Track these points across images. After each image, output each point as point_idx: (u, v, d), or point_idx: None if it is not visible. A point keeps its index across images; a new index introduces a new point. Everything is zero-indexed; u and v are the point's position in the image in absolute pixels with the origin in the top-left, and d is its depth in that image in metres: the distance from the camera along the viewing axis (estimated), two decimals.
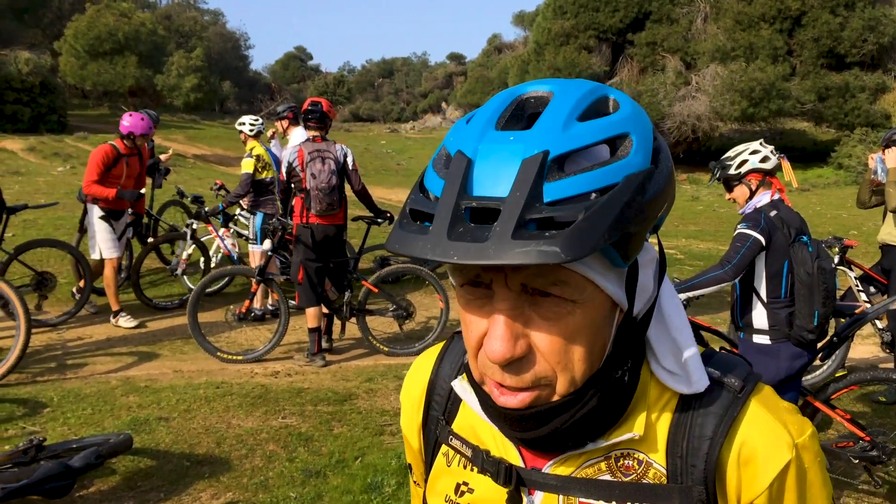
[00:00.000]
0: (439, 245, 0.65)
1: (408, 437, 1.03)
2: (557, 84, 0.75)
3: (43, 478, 3.19)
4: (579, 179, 0.67)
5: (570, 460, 0.83)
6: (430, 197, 0.73)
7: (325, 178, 5.77)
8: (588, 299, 0.73)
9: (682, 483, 0.79)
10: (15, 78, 25.68)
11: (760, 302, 3.36)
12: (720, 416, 0.80)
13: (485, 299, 0.74)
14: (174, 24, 48.44)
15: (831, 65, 26.00)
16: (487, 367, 0.76)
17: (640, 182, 0.68)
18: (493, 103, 0.75)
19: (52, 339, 6.50)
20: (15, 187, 12.31)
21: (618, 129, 0.71)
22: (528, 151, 0.67)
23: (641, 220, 0.69)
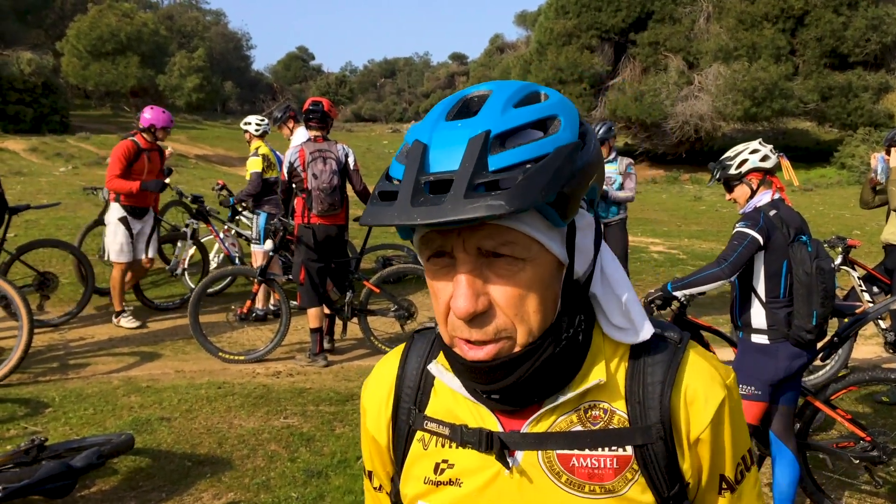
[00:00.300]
0: (404, 211, 0.78)
1: (375, 437, 1.08)
2: (496, 84, 0.89)
3: (44, 478, 3.18)
4: (518, 151, 0.80)
5: (543, 418, 0.93)
6: (395, 181, 0.84)
7: (326, 179, 5.77)
8: (535, 257, 0.85)
9: (642, 424, 0.92)
10: (17, 78, 25.71)
11: (759, 301, 3.34)
12: (667, 364, 0.94)
13: (449, 268, 0.86)
14: (176, 25, 48.49)
15: (834, 64, 25.96)
16: (456, 327, 0.87)
17: (570, 152, 0.82)
18: (443, 103, 0.88)
19: (54, 340, 6.50)
20: (17, 187, 12.32)
21: (548, 112, 0.85)
22: (473, 132, 0.80)
23: (573, 185, 0.82)
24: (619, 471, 0.92)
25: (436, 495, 0.98)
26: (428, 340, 1.07)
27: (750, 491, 1.01)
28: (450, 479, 0.97)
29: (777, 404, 3.37)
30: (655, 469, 0.92)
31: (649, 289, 7.87)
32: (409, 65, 78.39)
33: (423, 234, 0.86)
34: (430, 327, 1.09)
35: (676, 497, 0.94)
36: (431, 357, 1.03)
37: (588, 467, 0.92)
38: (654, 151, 27.92)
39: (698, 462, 0.95)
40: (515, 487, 0.93)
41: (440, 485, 0.98)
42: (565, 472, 0.92)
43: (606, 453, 0.92)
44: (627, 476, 0.92)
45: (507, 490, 0.94)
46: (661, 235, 13.19)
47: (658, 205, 19.15)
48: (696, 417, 0.93)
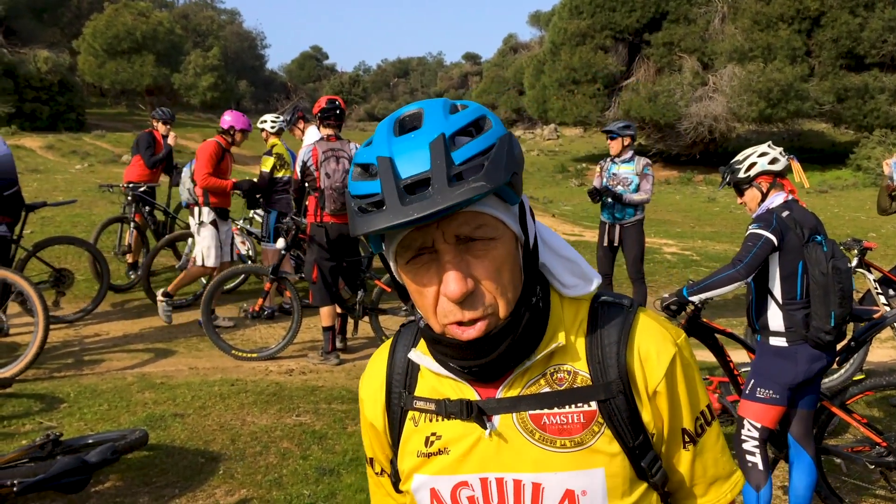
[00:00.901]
0: (397, 213, 0.88)
1: (373, 423, 1.18)
2: (419, 103, 1.02)
3: (59, 472, 3.21)
4: (471, 145, 0.94)
5: (514, 384, 1.05)
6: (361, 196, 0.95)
7: (339, 178, 5.78)
8: (502, 235, 0.97)
9: (603, 381, 1.03)
10: (34, 76, 25.93)
11: (776, 303, 3.30)
12: (620, 326, 1.06)
13: (431, 263, 0.96)
14: (191, 24, 48.66)
15: (850, 66, 25.71)
16: (448, 313, 0.97)
17: (509, 140, 0.97)
18: (383, 127, 1.00)
19: (69, 336, 6.56)
20: (34, 185, 12.43)
21: (478, 114, 0.99)
22: (430, 137, 0.93)
23: (518, 166, 0.97)
24: (586, 425, 1.02)
25: (428, 465, 1.09)
26: (412, 332, 1.18)
27: (713, 445, 1.12)
28: (439, 449, 1.08)
29: (796, 408, 3.34)
30: (619, 421, 1.03)
31: (662, 290, 7.84)
32: (423, 64, 78.33)
33: (403, 238, 0.96)
34: (413, 320, 1.18)
35: (641, 446, 1.05)
36: (416, 344, 1.15)
37: (558, 424, 1.03)
38: (668, 152, 27.77)
39: (658, 413, 1.05)
40: (495, 448, 1.04)
41: (431, 455, 1.08)
42: (538, 430, 1.03)
43: (573, 409, 1.03)
44: (594, 429, 1.02)
45: (488, 451, 1.05)
46: (675, 237, 13.13)
47: (671, 206, 19.07)
48: (651, 372, 1.04)
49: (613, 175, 6.64)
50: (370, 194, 0.93)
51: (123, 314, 7.36)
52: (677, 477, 1.10)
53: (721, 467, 1.13)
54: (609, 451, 1.02)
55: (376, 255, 4.89)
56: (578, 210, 16.93)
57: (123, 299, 7.82)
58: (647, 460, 1.05)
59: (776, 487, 3.89)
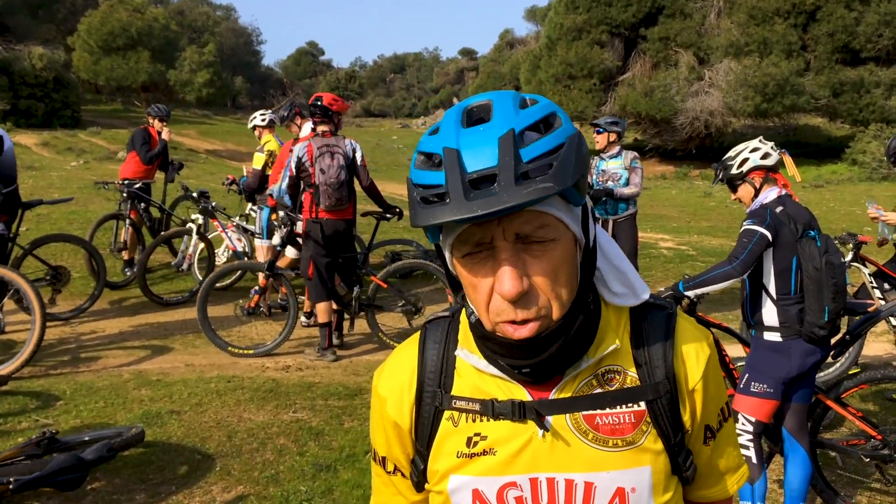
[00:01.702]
0: (462, 206, 0.87)
1: (396, 422, 1.14)
2: (489, 94, 1.00)
3: (55, 470, 3.21)
4: (541, 143, 0.92)
5: (567, 385, 1.04)
6: (425, 186, 0.93)
7: (333, 174, 5.78)
8: (562, 236, 0.96)
9: (651, 382, 1.05)
10: (29, 73, 25.87)
11: (770, 299, 3.32)
12: (664, 328, 1.09)
13: (487, 259, 0.95)
14: (187, 20, 48.56)
15: (846, 60, 25.75)
16: (501, 311, 0.96)
17: (578, 139, 0.95)
18: (451, 116, 0.98)
19: (66, 333, 6.55)
20: (29, 182, 12.40)
21: (549, 110, 0.97)
22: (499, 132, 0.91)
23: (586, 166, 0.96)
24: (636, 424, 1.04)
25: (470, 466, 1.07)
26: (442, 329, 1.16)
27: (727, 438, 1.16)
28: (484, 449, 1.06)
29: (791, 402, 3.35)
30: (664, 420, 1.06)
31: (659, 285, 7.85)
32: (419, 60, 78.26)
33: (461, 232, 0.95)
34: (442, 316, 1.18)
35: (679, 443, 1.08)
36: (450, 343, 1.13)
37: (610, 424, 1.04)
38: (664, 147, 27.81)
39: (694, 411, 1.09)
40: (548, 448, 1.04)
41: (474, 456, 1.07)
42: (591, 430, 1.04)
43: (624, 410, 1.04)
44: (643, 428, 1.05)
45: (540, 452, 1.04)
46: (671, 231, 13.15)
47: (667, 201, 19.09)
48: (691, 373, 1.08)
49: (602, 171, 6.66)
50: (433, 185, 0.92)
51: (119, 311, 7.35)
52: (697, 469, 1.14)
53: (731, 460, 1.17)
54: (655, 449, 1.05)
55: (372, 251, 4.87)
56: None
57: (119, 296, 7.81)
58: (682, 456, 1.09)
59: (771, 481, 3.90)
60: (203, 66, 39.17)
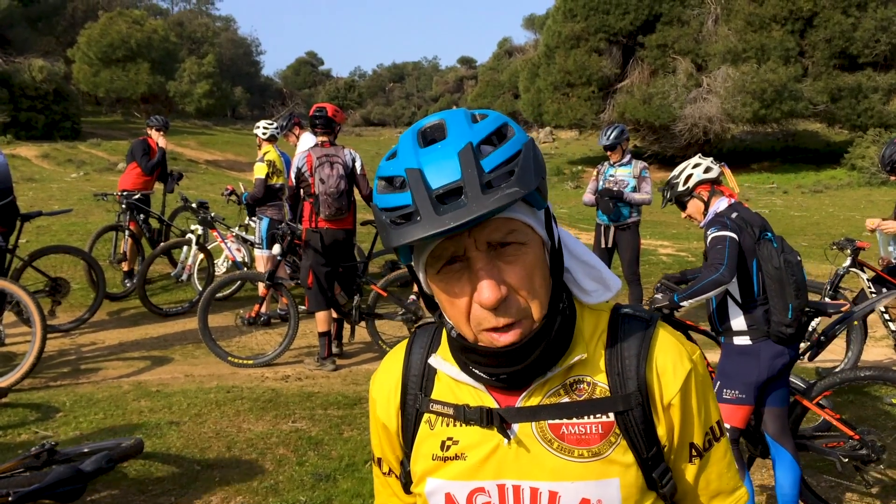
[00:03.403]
0: (433, 223, 0.90)
1: (385, 424, 1.19)
2: (439, 114, 1.02)
3: (54, 482, 3.20)
4: (498, 152, 0.94)
5: (534, 393, 1.05)
6: (392, 209, 0.95)
7: (333, 183, 5.79)
8: (531, 240, 0.99)
9: (622, 393, 1.05)
10: (29, 85, 25.92)
11: (735, 303, 3.37)
12: (640, 339, 1.07)
13: (462, 272, 0.97)
14: (186, 31, 48.69)
15: (844, 65, 25.79)
16: (482, 320, 0.98)
17: (532, 146, 0.99)
18: (406, 139, 1.00)
19: (66, 345, 6.55)
20: (29, 194, 12.42)
21: (499, 122, 0.99)
22: (457, 147, 0.94)
23: (544, 170, 0.99)
24: (604, 436, 1.04)
25: (444, 469, 1.09)
26: (429, 334, 1.19)
27: (719, 459, 1.13)
28: (455, 454, 1.08)
29: (768, 407, 3.38)
30: (635, 433, 1.05)
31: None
32: (418, 69, 78.45)
33: (434, 248, 0.97)
34: (430, 322, 1.21)
35: (654, 458, 1.07)
36: (433, 348, 1.16)
37: (576, 434, 1.04)
38: (663, 154, 27.83)
39: (671, 426, 1.07)
40: (514, 456, 1.05)
41: (447, 460, 1.09)
42: (556, 440, 1.04)
43: (592, 420, 1.04)
44: (611, 440, 1.04)
45: (506, 459, 1.05)
46: (671, 238, 13.16)
47: (667, 208, 19.08)
48: (666, 386, 1.06)
49: (611, 177, 6.69)
50: (400, 206, 0.94)
51: (119, 322, 7.36)
52: (681, 487, 1.12)
53: (725, 482, 1.14)
54: (624, 462, 1.04)
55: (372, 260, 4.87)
56: (574, 213, 16.96)
57: (119, 307, 7.81)
58: (658, 471, 1.07)
59: (756, 485, 3.91)
60: (202, 77, 39.25)
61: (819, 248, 10.37)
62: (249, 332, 6.89)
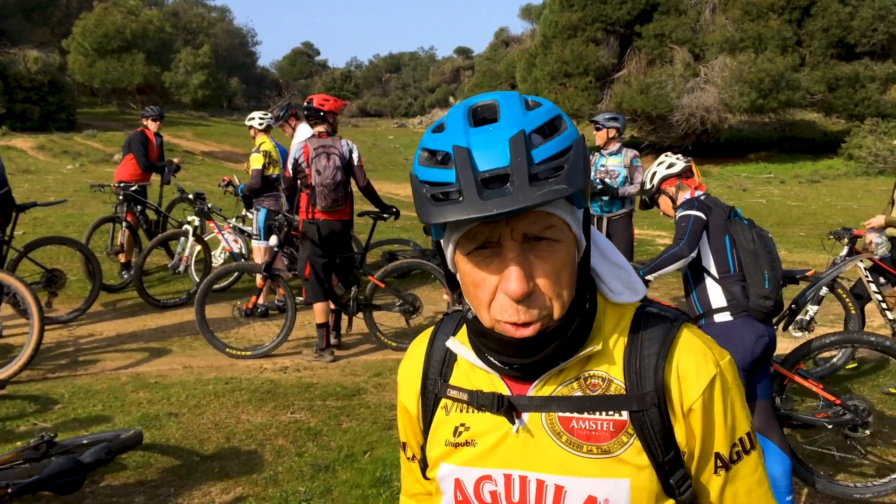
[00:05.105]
0: (475, 206, 0.88)
1: (407, 408, 1.20)
2: (497, 94, 1.00)
3: (53, 473, 3.21)
4: (550, 145, 0.93)
5: (547, 383, 1.04)
6: (434, 184, 0.94)
7: (329, 174, 5.78)
8: (566, 238, 0.98)
9: (638, 392, 1.01)
10: (24, 76, 25.79)
11: (713, 279, 3.43)
12: (662, 339, 1.04)
13: (493, 258, 0.96)
14: (181, 22, 48.47)
15: (841, 55, 25.76)
16: (503, 311, 0.97)
17: (583, 143, 0.97)
18: (457, 114, 0.99)
19: (63, 337, 6.54)
20: (25, 185, 12.38)
21: (553, 113, 0.98)
22: (509, 132, 0.92)
23: (590, 169, 1.02)
24: (615, 434, 1.01)
25: (455, 455, 1.09)
26: (454, 320, 1.19)
27: (748, 474, 1.07)
28: (466, 440, 1.08)
29: (752, 400, 3.40)
30: (651, 435, 1.01)
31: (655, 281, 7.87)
32: (415, 59, 78.22)
33: (469, 230, 0.95)
34: (458, 309, 1.19)
35: (672, 463, 1.03)
36: (455, 334, 1.16)
37: (586, 429, 1.02)
38: (661, 144, 27.76)
39: (691, 432, 1.03)
40: (521, 445, 1.04)
41: (458, 446, 1.09)
42: (565, 433, 1.02)
43: (603, 417, 1.01)
44: (622, 439, 1.01)
45: (513, 448, 1.04)
46: (668, 228, 13.16)
47: None
48: (687, 390, 1.02)
49: (602, 167, 6.66)
50: (443, 183, 0.93)
51: (116, 314, 7.35)
52: (705, 500, 1.08)
53: (754, 500, 1.08)
54: (637, 463, 1.01)
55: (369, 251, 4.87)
56: None
57: (116, 299, 7.80)
58: (676, 477, 1.03)
59: None
60: (198, 68, 39.09)
61: (816, 238, 10.39)
62: (247, 323, 6.88)
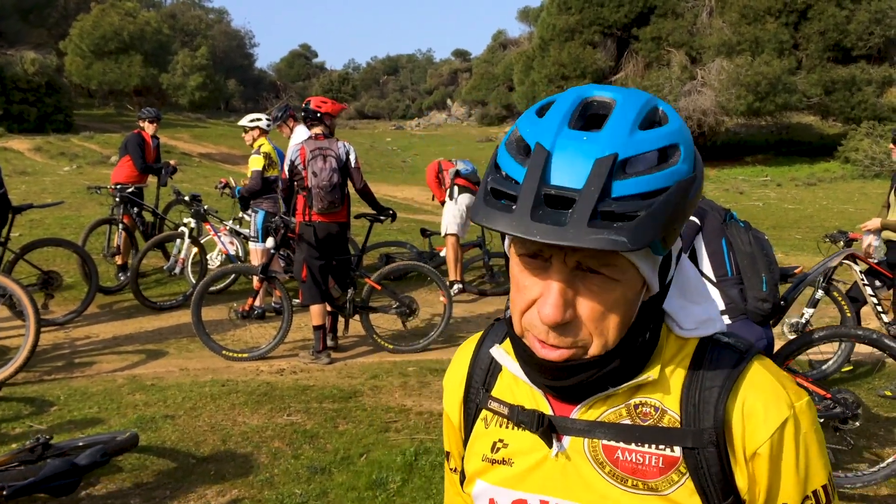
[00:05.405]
0: (522, 224, 0.78)
1: (450, 417, 1.13)
2: (619, 92, 0.88)
3: (49, 476, 3.20)
4: (640, 181, 0.80)
5: (594, 407, 0.95)
6: (503, 174, 0.85)
7: (325, 176, 5.78)
8: (628, 279, 0.86)
9: (695, 427, 0.90)
10: (21, 78, 25.78)
11: (710, 283, 3.44)
12: (728, 372, 0.92)
13: (539, 270, 0.87)
14: (179, 23, 48.46)
15: (837, 58, 25.82)
16: (533, 325, 0.89)
17: (686, 187, 0.83)
18: (565, 103, 0.87)
19: (60, 338, 6.53)
20: (22, 187, 12.37)
21: (670, 140, 0.84)
22: (600, 152, 0.80)
23: (683, 219, 0.84)
24: (665, 471, 0.91)
25: (491, 473, 1.01)
26: (504, 327, 1.09)
27: None
28: (503, 458, 1.00)
29: None
30: (706, 476, 0.90)
31: None
32: (412, 62, 78.19)
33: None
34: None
35: None
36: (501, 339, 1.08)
37: (632, 462, 0.92)
38: None
39: (755, 479, 0.91)
40: (560, 471, 0.96)
41: (494, 463, 1.01)
42: (609, 463, 0.93)
43: (653, 451, 0.92)
44: (673, 478, 0.91)
45: (551, 473, 0.96)
46: None
47: None
48: (752, 432, 0.90)
49: None
50: (511, 179, 0.84)
51: (114, 316, 7.34)
52: None
53: None
54: None
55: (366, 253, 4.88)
56: None
57: (112, 301, 7.79)
58: None
59: None
60: (196, 70, 39.12)
61: (812, 241, 10.42)
62: (243, 325, 6.88)
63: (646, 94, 0.90)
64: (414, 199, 17.13)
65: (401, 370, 5.71)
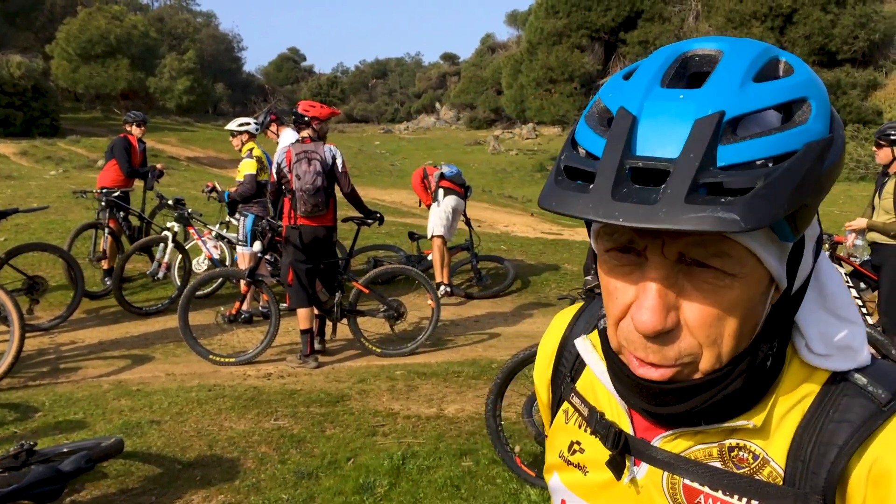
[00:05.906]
0: (602, 205, 0.62)
1: (538, 391, 1.02)
2: (727, 42, 0.70)
3: (33, 482, 3.18)
4: (756, 144, 0.62)
5: (681, 439, 0.79)
6: (582, 152, 0.70)
7: (309, 180, 5.78)
8: (748, 274, 0.68)
9: (800, 488, 0.72)
10: (7, 82, 25.65)
11: None
12: (857, 426, 0.71)
13: (632, 267, 0.71)
14: (166, 27, 48.33)
15: (823, 62, 26.09)
16: (630, 339, 0.72)
17: (820, 151, 0.64)
18: (657, 60, 0.71)
19: (45, 344, 6.49)
20: (7, 191, 12.29)
21: (796, 93, 0.66)
22: (701, 111, 0.63)
23: (818, 192, 0.65)
24: None
25: (566, 472, 0.91)
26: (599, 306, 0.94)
27: None
28: (578, 462, 0.89)
29: None
30: None
31: None
32: (401, 65, 78.31)
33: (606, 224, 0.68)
34: None
35: None
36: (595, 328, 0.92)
37: None
38: None
39: None
40: (632, 499, 0.82)
41: (570, 464, 0.90)
42: None
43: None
44: None
45: (622, 499, 0.83)
46: None
47: None
48: (882, 499, 0.68)
49: None
50: (589, 154, 0.69)
51: (99, 321, 7.29)
52: None
53: None
54: None
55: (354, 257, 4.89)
56: None
57: (98, 306, 7.75)
58: None
59: None
60: (183, 73, 39.00)
61: None
62: (230, 329, 6.85)
63: (762, 44, 0.71)
64: (402, 203, 17.13)
65: (388, 374, 5.70)
